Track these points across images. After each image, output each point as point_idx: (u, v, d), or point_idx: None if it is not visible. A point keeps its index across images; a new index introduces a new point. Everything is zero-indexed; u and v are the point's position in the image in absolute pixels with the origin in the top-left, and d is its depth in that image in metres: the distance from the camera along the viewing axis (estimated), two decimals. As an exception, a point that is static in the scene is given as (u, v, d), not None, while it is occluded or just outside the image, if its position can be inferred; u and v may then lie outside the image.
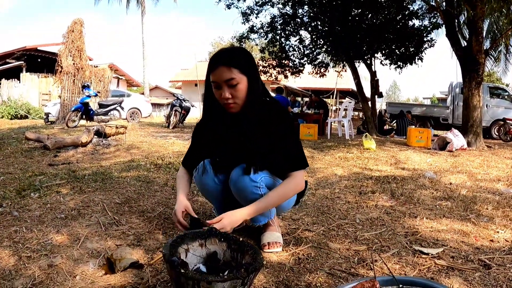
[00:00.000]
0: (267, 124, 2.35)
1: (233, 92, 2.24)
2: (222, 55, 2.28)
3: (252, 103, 2.32)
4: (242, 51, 2.38)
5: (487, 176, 5.40)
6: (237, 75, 2.22)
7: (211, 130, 2.50)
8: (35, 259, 2.22)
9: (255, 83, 2.32)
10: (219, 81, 2.24)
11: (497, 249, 2.55)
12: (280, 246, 2.49)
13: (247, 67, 2.28)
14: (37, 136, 7.20)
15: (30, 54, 26.42)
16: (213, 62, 2.27)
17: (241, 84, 2.24)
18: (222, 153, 2.51)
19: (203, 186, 2.58)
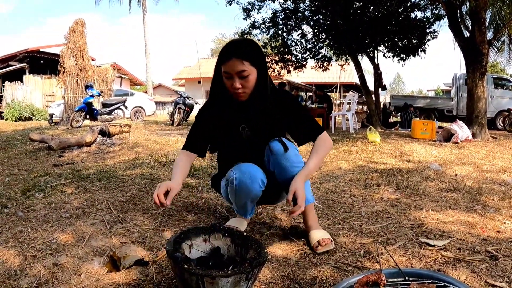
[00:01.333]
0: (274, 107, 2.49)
1: (243, 83, 2.33)
2: (234, 47, 2.34)
3: (260, 92, 2.43)
4: (253, 44, 2.45)
5: (492, 167, 5.37)
6: (248, 67, 2.30)
7: (217, 116, 2.58)
8: (40, 258, 2.22)
9: (264, 74, 2.42)
10: (231, 72, 2.31)
11: (504, 240, 2.53)
12: (332, 242, 2.43)
13: (258, 59, 2.37)
14: (41, 137, 7.21)
15: (33, 56, 26.43)
16: (225, 53, 2.33)
17: (251, 75, 2.33)
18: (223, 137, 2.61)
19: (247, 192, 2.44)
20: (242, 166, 2.43)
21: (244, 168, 2.41)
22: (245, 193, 2.44)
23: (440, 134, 8.95)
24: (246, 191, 2.42)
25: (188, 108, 14.51)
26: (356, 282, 1.67)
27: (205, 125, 2.62)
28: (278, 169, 2.42)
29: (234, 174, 2.41)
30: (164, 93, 42.88)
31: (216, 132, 2.60)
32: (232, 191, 2.48)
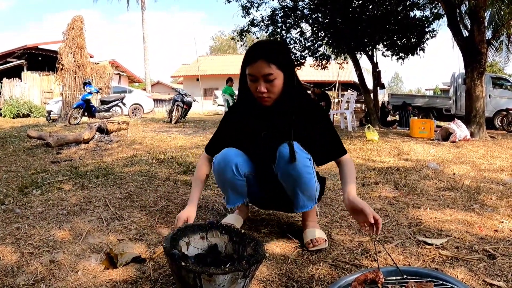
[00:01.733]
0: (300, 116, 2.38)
1: (269, 87, 2.24)
2: (262, 48, 2.26)
3: (286, 99, 2.32)
4: (281, 46, 2.39)
5: (490, 166, 5.38)
6: (275, 71, 2.20)
7: (241, 120, 2.49)
8: (37, 255, 2.22)
9: (291, 79, 2.31)
10: (257, 75, 2.22)
11: (502, 239, 2.54)
12: (326, 242, 2.42)
13: (285, 63, 2.26)
14: (39, 134, 7.19)
15: (31, 52, 26.41)
16: (251, 54, 2.25)
17: (278, 80, 2.23)
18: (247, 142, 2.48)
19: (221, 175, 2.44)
20: (225, 150, 2.43)
21: (225, 151, 2.42)
22: (221, 177, 2.45)
23: (439, 133, 8.96)
24: (220, 174, 2.43)
25: (186, 106, 14.49)
26: (354, 280, 1.67)
27: (228, 129, 2.55)
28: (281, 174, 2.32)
29: (216, 156, 2.44)
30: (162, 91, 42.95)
31: (238, 136, 2.49)
32: (214, 173, 2.49)
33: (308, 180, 2.26)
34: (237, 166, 2.38)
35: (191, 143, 7.42)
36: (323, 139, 2.39)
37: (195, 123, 14.05)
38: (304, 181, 2.25)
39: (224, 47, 63.20)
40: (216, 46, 66.29)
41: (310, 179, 2.26)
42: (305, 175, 2.24)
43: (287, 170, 2.25)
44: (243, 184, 2.48)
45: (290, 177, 2.27)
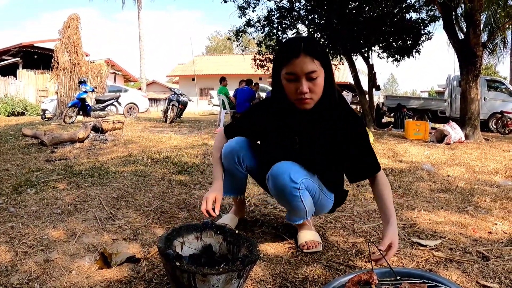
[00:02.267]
0: (338, 129, 2.15)
1: (311, 87, 1.99)
2: (302, 43, 1.97)
3: (326, 103, 2.10)
4: (319, 42, 2.18)
5: (485, 168, 5.40)
6: (318, 68, 1.97)
7: (272, 116, 2.26)
8: (31, 254, 2.21)
9: (332, 79, 2.08)
10: (299, 73, 1.96)
11: (495, 241, 2.55)
12: (320, 245, 2.39)
13: (327, 60, 2.03)
14: (34, 132, 7.17)
15: (27, 50, 26.32)
16: (291, 51, 1.98)
17: (320, 78, 2.00)
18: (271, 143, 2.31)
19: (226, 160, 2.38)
20: (235, 139, 2.38)
21: (233, 140, 2.38)
22: (225, 163, 2.39)
23: (433, 135, 8.99)
24: (224, 158, 2.38)
25: (182, 106, 14.48)
26: (348, 281, 1.67)
27: (255, 121, 2.36)
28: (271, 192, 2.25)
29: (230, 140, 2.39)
30: (158, 90, 42.88)
31: (264, 132, 2.33)
32: None
33: (295, 205, 2.19)
34: (239, 157, 2.34)
35: (186, 143, 7.41)
36: (358, 155, 2.16)
37: (190, 123, 14.05)
38: (292, 205, 2.21)
39: (220, 47, 63.11)
40: (212, 46, 66.19)
41: (298, 205, 2.19)
42: (292, 203, 2.18)
43: (275, 193, 2.22)
44: (242, 177, 2.45)
45: (278, 199, 2.28)
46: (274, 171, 2.13)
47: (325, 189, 2.33)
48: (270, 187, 2.19)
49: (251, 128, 2.40)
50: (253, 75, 19.57)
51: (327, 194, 2.36)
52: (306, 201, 2.19)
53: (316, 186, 2.25)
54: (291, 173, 2.09)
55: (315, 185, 2.24)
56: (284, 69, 2.01)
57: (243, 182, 2.49)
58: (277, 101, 2.18)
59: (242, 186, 2.54)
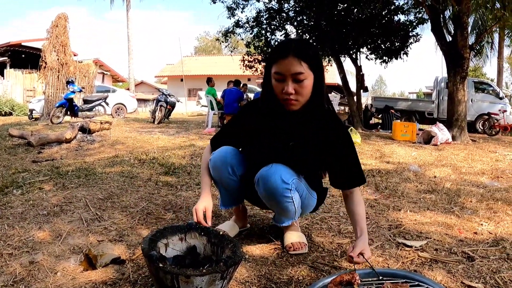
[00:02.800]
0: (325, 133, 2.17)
1: (297, 88, 2.01)
2: (292, 45, 2.01)
3: (315, 106, 2.12)
4: (312, 45, 2.19)
5: (471, 169, 5.44)
6: (305, 70, 1.98)
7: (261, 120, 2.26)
8: (17, 256, 2.20)
9: (321, 83, 2.09)
10: (285, 73, 2.00)
11: (481, 242, 2.57)
12: (306, 247, 2.39)
13: (316, 63, 2.05)
14: (20, 132, 7.12)
15: (14, 50, 26.15)
16: (280, 51, 2.02)
17: (307, 81, 2.01)
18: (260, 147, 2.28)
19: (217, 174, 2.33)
20: (223, 148, 2.32)
21: (222, 150, 2.31)
22: (216, 175, 2.33)
23: (420, 136, 9.04)
24: (215, 172, 2.31)
25: (170, 106, 14.47)
26: (330, 282, 1.68)
27: (241, 127, 2.36)
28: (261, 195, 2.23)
29: (214, 152, 2.32)
30: (146, 91, 42.75)
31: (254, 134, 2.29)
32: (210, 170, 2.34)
33: (285, 207, 2.19)
34: (233, 167, 2.29)
35: (174, 144, 7.40)
36: (344, 164, 2.20)
37: (178, 123, 14.03)
38: (282, 207, 2.20)
39: (209, 48, 63.05)
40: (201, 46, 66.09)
41: (288, 206, 2.19)
42: (283, 204, 2.17)
43: (265, 196, 2.20)
44: (238, 186, 2.39)
45: (268, 201, 2.24)
46: (264, 173, 2.13)
47: (309, 188, 2.34)
48: (260, 189, 2.18)
49: (239, 133, 2.37)
50: (241, 76, 19.55)
51: (312, 193, 2.37)
52: (296, 202, 2.20)
53: (303, 186, 2.27)
54: (282, 174, 2.10)
55: (303, 185, 2.26)
56: (273, 69, 2.04)
57: (239, 190, 2.43)
58: (267, 101, 2.19)
59: (239, 195, 2.49)
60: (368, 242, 2.00)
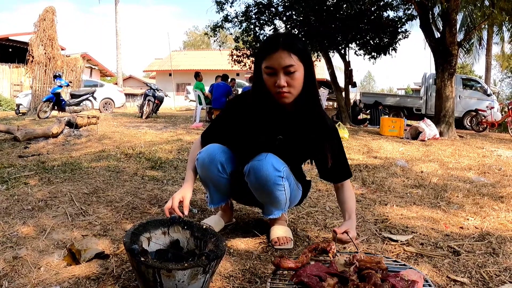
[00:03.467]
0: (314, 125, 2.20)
1: (289, 81, 2.03)
2: (281, 38, 2.04)
3: (307, 98, 2.14)
4: (299, 38, 2.21)
5: (458, 165, 5.46)
6: (296, 62, 2.01)
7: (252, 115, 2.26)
8: (0, 251, 2.18)
9: (311, 74, 2.12)
10: (277, 67, 2.01)
11: (467, 236, 2.58)
12: (291, 242, 2.39)
13: (306, 55, 2.07)
14: (7, 127, 7.06)
15: (1, 44, 25.96)
16: (270, 46, 2.05)
17: (298, 73, 2.04)
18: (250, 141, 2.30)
19: (205, 172, 2.32)
20: (210, 146, 2.31)
21: (210, 148, 2.30)
22: (205, 174, 2.33)
23: (408, 132, 9.08)
24: (204, 170, 2.31)
25: (158, 101, 14.43)
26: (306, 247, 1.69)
27: (231, 121, 2.36)
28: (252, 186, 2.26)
29: (201, 151, 2.31)
30: (134, 85, 42.53)
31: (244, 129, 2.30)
32: (197, 168, 2.33)
33: (277, 196, 2.21)
34: (223, 164, 2.29)
35: (161, 139, 7.37)
36: (334, 159, 2.25)
37: (166, 118, 13.99)
38: (274, 196, 2.21)
39: (198, 42, 62.88)
40: (190, 41, 65.88)
41: (280, 195, 2.21)
42: (275, 193, 2.19)
43: (257, 186, 2.21)
44: (227, 183, 2.38)
45: (260, 192, 2.24)
46: (256, 163, 2.16)
47: (296, 180, 2.38)
48: (251, 179, 2.19)
49: (230, 128, 2.37)
50: (230, 70, 19.52)
51: (298, 185, 2.41)
52: (287, 191, 2.23)
53: (292, 176, 2.30)
54: (273, 162, 2.14)
55: (291, 176, 2.29)
56: (263, 63, 2.06)
57: (227, 186, 2.42)
58: (259, 96, 2.19)
59: (228, 191, 2.47)
60: (355, 227, 2.08)
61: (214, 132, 2.42)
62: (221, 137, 2.38)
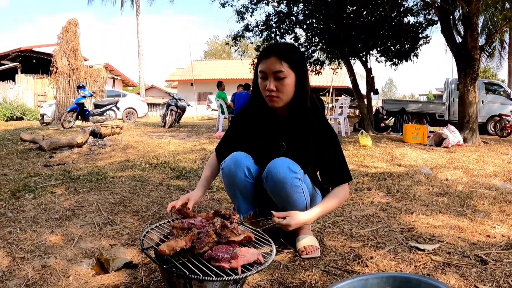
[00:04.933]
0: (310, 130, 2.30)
1: (278, 85, 2.18)
2: (275, 46, 2.26)
3: (299, 104, 2.28)
4: (296, 49, 2.36)
5: (483, 171, 5.40)
6: (286, 69, 2.17)
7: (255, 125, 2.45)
8: (29, 260, 2.21)
9: (303, 83, 2.25)
10: (267, 71, 2.19)
11: (494, 245, 2.54)
12: (318, 251, 2.39)
13: (298, 64, 2.22)
14: (32, 137, 7.17)
15: (25, 55, 26.39)
16: (265, 52, 2.23)
17: (288, 79, 2.19)
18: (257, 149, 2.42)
19: (232, 179, 2.37)
20: (234, 153, 2.37)
21: (234, 155, 2.35)
22: (231, 181, 2.37)
23: (432, 139, 8.99)
24: (230, 177, 2.35)
25: (180, 110, 14.49)
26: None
27: (239, 132, 2.51)
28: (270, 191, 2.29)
29: (225, 160, 2.37)
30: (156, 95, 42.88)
31: (249, 141, 2.44)
32: (222, 178, 2.41)
33: (297, 199, 2.23)
34: (249, 168, 2.33)
35: (185, 148, 7.41)
36: (330, 163, 2.33)
37: (189, 127, 14.05)
38: (293, 199, 2.23)
39: (219, 52, 63.16)
40: (211, 50, 66.20)
41: (299, 198, 2.24)
42: (294, 195, 2.22)
43: (275, 190, 2.24)
44: (253, 190, 2.41)
45: (279, 196, 2.26)
46: (272, 166, 2.21)
47: (313, 185, 2.42)
48: (269, 183, 2.24)
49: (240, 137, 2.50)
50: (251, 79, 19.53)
51: (316, 190, 2.43)
52: (306, 193, 2.26)
53: (308, 180, 2.34)
54: (289, 164, 2.19)
55: (308, 179, 2.34)
56: (259, 68, 2.24)
57: (254, 193, 2.44)
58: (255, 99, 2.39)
59: (254, 198, 2.48)
60: (304, 221, 2.14)
61: (227, 144, 2.54)
62: (234, 148, 2.44)
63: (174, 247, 1.55)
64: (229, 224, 1.78)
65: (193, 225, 1.81)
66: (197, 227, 1.79)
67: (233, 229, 1.75)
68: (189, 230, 1.75)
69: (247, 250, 1.66)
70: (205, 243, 1.61)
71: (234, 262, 1.54)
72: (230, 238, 1.70)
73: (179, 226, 1.78)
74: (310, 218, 2.17)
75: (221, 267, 1.52)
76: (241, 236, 1.75)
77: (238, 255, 1.57)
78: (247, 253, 1.62)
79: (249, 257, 1.60)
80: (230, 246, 1.64)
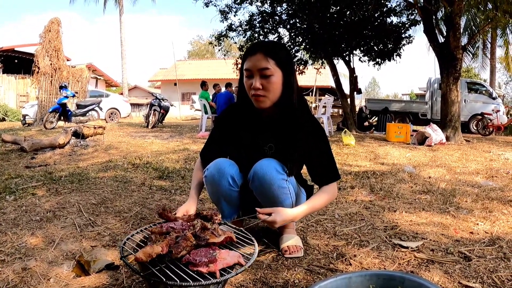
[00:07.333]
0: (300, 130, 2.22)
1: (264, 83, 2.11)
2: (261, 43, 2.18)
3: (286, 103, 2.20)
4: (282, 46, 2.28)
5: (466, 169, 5.44)
6: (272, 67, 2.10)
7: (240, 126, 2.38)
8: (9, 262, 2.17)
9: (290, 81, 2.18)
10: (253, 69, 2.12)
11: (477, 241, 2.56)
12: (301, 250, 2.37)
13: (285, 62, 2.15)
14: (13, 138, 7.09)
15: (7, 55, 26.13)
16: (250, 49, 2.16)
17: (274, 77, 2.12)
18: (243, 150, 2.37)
19: (215, 187, 2.31)
20: (218, 161, 2.31)
21: (218, 163, 2.29)
22: (215, 189, 2.32)
23: (415, 137, 9.05)
24: (214, 186, 2.30)
25: (164, 110, 14.45)
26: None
27: (223, 134, 2.43)
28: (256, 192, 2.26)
29: (208, 167, 2.31)
30: (140, 95, 42.64)
31: (236, 142, 2.39)
32: (206, 185, 2.35)
33: (283, 200, 2.20)
34: (233, 177, 2.28)
35: (168, 148, 7.38)
36: (320, 162, 2.28)
37: (172, 128, 14.01)
38: (280, 200, 2.20)
39: (202, 52, 62.97)
40: (194, 50, 65.97)
41: (285, 199, 2.21)
42: (280, 196, 2.19)
43: (262, 191, 2.20)
44: (237, 196, 2.37)
45: (265, 197, 2.23)
46: (258, 167, 2.17)
47: (298, 185, 2.39)
48: (256, 184, 2.20)
49: (225, 139, 2.44)
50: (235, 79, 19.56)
51: (301, 190, 2.40)
52: (293, 193, 2.24)
53: (294, 181, 2.30)
54: (275, 166, 2.15)
55: (294, 180, 2.30)
56: (244, 66, 2.18)
57: (238, 199, 2.40)
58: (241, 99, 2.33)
59: (238, 202, 2.44)
60: (291, 217, 2.12)
61: (211, 148, 2.48)
62: (219, 151, 2.42)
63: (151, 254, 1.53)
64: (210, 226, 1.76)
65: (172, 229, 1.78)
66: (176, 231, 1.76)
67: (213, 230, 1.73)
68: (167, 234, 1.73)
69: (228, 252, 1.63)
70: (182, 247, 1.59)
71: (212, 266, 1.51)
72: (210, 240, 1.67)
73: (157, 231, 1.76)
74: (297, 215, 2.15)
75: (199, 271, 1.50)
76: (221, 237, 1.72)
77: (216, 259, 1.54)
78: (227, 255, 1.60)
79: (229, 260, 1.58)
80: (210, 248, 1.61)
